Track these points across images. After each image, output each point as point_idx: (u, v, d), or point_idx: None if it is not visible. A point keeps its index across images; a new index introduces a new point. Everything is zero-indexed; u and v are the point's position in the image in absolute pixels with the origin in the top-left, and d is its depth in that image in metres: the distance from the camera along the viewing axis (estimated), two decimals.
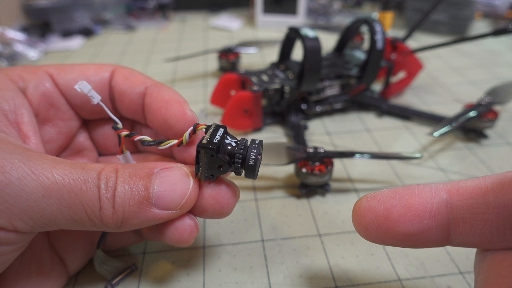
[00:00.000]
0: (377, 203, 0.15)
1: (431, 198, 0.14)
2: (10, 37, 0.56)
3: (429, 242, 0.15)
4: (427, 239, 0.15)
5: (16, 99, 0.19)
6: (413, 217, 0.14)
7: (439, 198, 0.14)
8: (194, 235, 0.19)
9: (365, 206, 0.16)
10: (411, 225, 0.14)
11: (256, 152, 0.18)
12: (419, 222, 0.14)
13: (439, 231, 0.14)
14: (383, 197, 0.15)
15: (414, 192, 0.15)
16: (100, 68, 0.22)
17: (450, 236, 0.14)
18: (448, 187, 0.15)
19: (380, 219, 0.15)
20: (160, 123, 0.20)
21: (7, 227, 0.15)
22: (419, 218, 0.14)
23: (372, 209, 0.15)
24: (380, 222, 0.15)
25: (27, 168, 0.15)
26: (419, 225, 0.14)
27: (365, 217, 0.16)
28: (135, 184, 0.17)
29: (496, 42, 0.59)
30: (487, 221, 0.13)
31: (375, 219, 0.15)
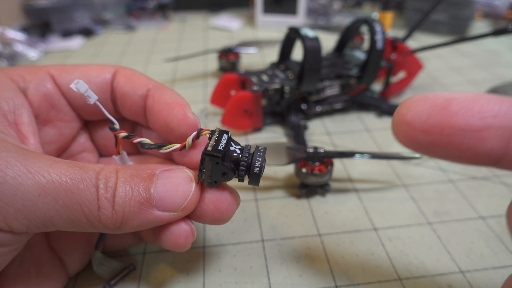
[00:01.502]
0: (436, 95, 0.13)
1: (499, 100, 0.13)
2: (10, 37, 0.56)
3: (483, 146, 0.13)
4: (482, 141, 0.13)
5: (15, 99, 0.19)
6: (476, 112, 0.13)
7: (508, 104, 0.13)
8: (190, 240, 0.19)
9: (419, 97, 0.14)
10: (471, 118, 0.13)
11: (261, 160, 0.18)
12: (481, 118, 0.13)
13: (500, 134, 0.13)
14: (443, 92, 0.14)
15: (480, 93, 0.13)
16: (102, 69, 0.22)
17: (509, 146, 0.13)
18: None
19: (436, 108, 0.13)
20: (161, 125, 0.20)
21: (3, 227, 0.15)
22: (482, 114, 0.13)
23: (429, 99, 0.13)
24: (434, 112, 0.13)
25: (22, 167, 0.15)
26: (481, 121, 0.13)
27: (416, 107, 0.13)
28: (137, 185, 0.17)
29: (496, 42, 0.59)
30: None
31: (429, 108, 0.13)
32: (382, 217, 0.27)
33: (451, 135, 0.13)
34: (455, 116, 0.13)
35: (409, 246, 0.25)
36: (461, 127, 0.13)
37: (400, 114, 0.14)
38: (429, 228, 0.26)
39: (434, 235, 0.26)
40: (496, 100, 0.13)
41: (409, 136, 0.14)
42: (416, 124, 0.13)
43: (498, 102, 0.13)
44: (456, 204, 0.28)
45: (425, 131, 0.13)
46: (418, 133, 0.13)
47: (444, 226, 0.26)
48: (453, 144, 0.13)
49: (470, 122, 0.13)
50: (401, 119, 0.14)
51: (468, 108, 0.13)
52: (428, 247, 0.25)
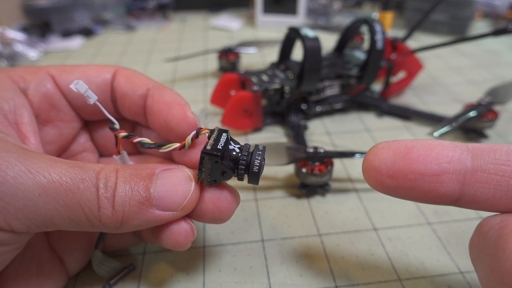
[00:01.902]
0: (398, 143, 0.15)
1: (453, 147, 0.15)
2: (10, 37, 0.56)
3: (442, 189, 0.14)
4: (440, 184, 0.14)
5: (16, 99, 0.19)
6: (433, 158, 0.14)
7: (461, 149, 0.14)
8: (190, 239, 0.19)
9: (383, 145, 0.15)
10: (429, 164, 0.14)
11: (260, 159, 0.18)
12: (438, 164, 0.14)
13: (455, 178, 0.14)
14: (404, 140, 0.15)
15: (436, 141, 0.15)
16: (102, 69, 0.22)
17: (464, 187, 0.14)
18: (470, 144, 0.15)
19: (398, 156, 0.15)
20: (161, 125, 0.20)
21: (3, 227, 0.15)
22: (438, 160, 0.14)
23: (392, 147, 0.15)
24: (397, 159, 0.15)
25: (23, 167, 0.15)
26: (438, 166, 0.14)
27: (381, 154, 0.15)
28: (136, 184, 0.17)
29: (496, 42, 0.59)
30: (506, 173, 0.14)
31: (393, 155, 0.15)
32: (382, 217, 0.27)
33: (413, 179, 0.15)
34: (415, 163, 0.14)
35: (409, 246, 0.25)
36: (421, 172, 0.14)
37: (368, 160, 0.16)
38: (429, 228, 0.26)
39: (434, 235, 0.26)
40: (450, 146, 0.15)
41: (377, 181, 0.15)
42: (382, 170, 0.15)
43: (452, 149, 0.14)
44: None
45: (391, 177, 0.15)
46: (385, 178, 0.15)
47: (444, 226, 0.26)
48: (415, 188, 0.15)
49: (428, 167, 0.14)
50: (369, 166, 0.15)
51: (426, 155, 0.14)
52: (428, 248, 0.25)
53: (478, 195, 0.14)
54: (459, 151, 0.14)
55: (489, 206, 0.14)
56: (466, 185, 0.14)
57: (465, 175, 0.14)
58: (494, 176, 0.14)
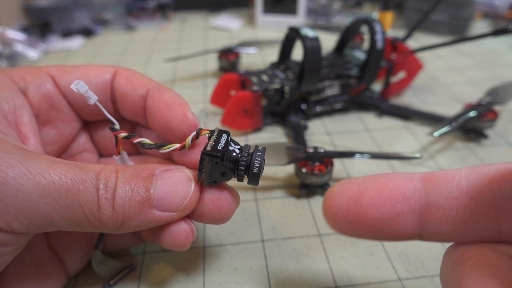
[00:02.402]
0: (350, 186, 0.15)
1: (405, 183, 0.14)
2: (10, 37, 0.56)
3: (400, 229, 0.14)
4: (398, 225, 0.14)
5: (16, 100, 0.19)
6: (385, 200, 0.14)
7: (413, 184, 0.14)
8: (190, 239, 0.19)
9: (337, 189, 0.15)
10: (382, 208, 0.14)
11: (260, 160, 0.18)
12: (391, 206, 0.14)
13: (411, 217, 0.14)
14: (356, 181, 0.15)
15: (388, 177, 0.14)
16: (102, 69, 0.22)
17: (422, 224, 0.14)
18: (423, 175, 0.14)
19: (351, 202, 0.14)
20: (161, 125, 0.20)
21: (4, 228, 0.15)
22: (391, 201, 0.14)
23: (344, 192, 0.15)
24: (351, 205, 0.14)
25: (23, 168, 0.15)
26: (391, 209, 0.14)
27: (336, 200, 0.15)
28: (136, 185, 0.17)
29: (496, 42, 0.59)
30: (460, 207, 0.13)
31: (346, 201, 0.14)
32: None
33: (370, 225, 0.14)
34: (369, 208, 0.14)
35: (409, 247, 0.25)
36: (375, 217, 0.14)
37: (326, 206, 0.15)
38: None
39: None
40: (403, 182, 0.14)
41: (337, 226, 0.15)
42: (339, 217, 0.15)
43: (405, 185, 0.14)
44: None
45: (348, 223, 0.15)
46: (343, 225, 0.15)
47: None
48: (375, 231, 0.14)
49: (382, 212, 0.14)
50: (327, 211, 0.15)
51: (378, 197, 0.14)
52: (428, 248, 0.25)
53: (437, 231, 0.14)
54: (412, 187, 0.14)
55: (452, 239, 0.14)
56: (423, 222, 0.14)
57: (420, 213, 0.14)
58: (449, 212, 0.13)
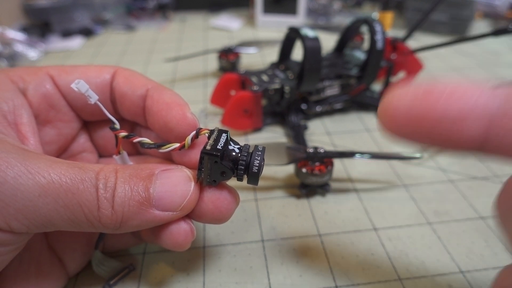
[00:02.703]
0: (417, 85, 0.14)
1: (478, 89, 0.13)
2: (10, 37, 0.56)
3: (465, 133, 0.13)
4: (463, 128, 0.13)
5: (15, 100, 0.19)
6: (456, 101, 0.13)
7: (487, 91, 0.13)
8: (190, 239, 0.19)
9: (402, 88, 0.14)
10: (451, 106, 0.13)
11: (260, 159, 0.18)
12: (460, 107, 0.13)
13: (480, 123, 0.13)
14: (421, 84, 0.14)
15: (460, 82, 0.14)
16: (101, 69, 0.22)
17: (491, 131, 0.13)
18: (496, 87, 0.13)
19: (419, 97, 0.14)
20: (160, 125, 0.20)
21: (3, 227, 0.15)
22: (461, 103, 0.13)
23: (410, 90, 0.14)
24: (415, 102, 0.14)
25: (23, 167, 0.15)
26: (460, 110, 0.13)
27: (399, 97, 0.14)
28: (136, 185, 0.17)
29: (496, 42, 0.59)
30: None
31: (410, 99, 0.14)
32: (382, 217, 0.27)
33: (434, 124, 0.13)
34: (436, 105, 0.13)
35: (409, 246, 0.25)
36: (442, 115, 0.13)
37: (385, 104, 0.15)
38: (429, 228, 0.26)
39: (434, 235, 0.26)
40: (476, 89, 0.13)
41: (395, 125, 0.14)
42: (400, 114, 0.14)
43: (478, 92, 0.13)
44: (456, 204, 0.28)
45: (409, 121, 0.14)
46: (403, 122, 0.14)
47: (444, 226, 0.26)
48: (436, 132, 0.13)
49: (450, 109, 0.13)
50: (386, 109, 0.14)
51: (448, 97, 0.13)
52: (428, 247, 0.25)
53: (505, 142, 0.13)
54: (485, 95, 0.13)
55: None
56: (493, 129, 0.13)
57: (491, 117, 0.13)
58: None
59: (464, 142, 0.13)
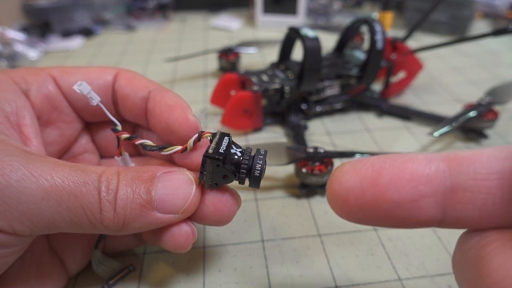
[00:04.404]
0: (364, 165, 0.13)
1: (427, 163, 0.12)
2: (10, 37, 0.56)
3: (421, 214, 0.13)
4: (419, 210, 0.12)
5: (18, 101, 0.19)
6: (407, 181, 0.12)
7: (436, 164, 0.12)
8: (191, 241, 0.19)
9: (348, 169, 0.13)
10: (403, 190, 0.12)
11: (262, 163, 0.18)
12: (413, 187, 0.12)
13: (434, 201, 0.12)
14: (370, 160, 0.13)
15: (407, 157, 0.13)
16: (103, 71, 0.22)
17: (446, 209, 0.12)
18: (445, 155, 0.13)
19: (367, 182, 0.12)
20: (162, 127, 0.20)
21: (7, 230, 0.15)
22: (413, 183, 0.12)
23: (358, 171, 0.13)
24: (365, 187, 0.12)
25: (26, 171, 0.15)
26: (413, 190, 0.12)
27: (346, 181, 0.13)
28: (138, 187, 0.17)
29: (496, 42, 0.59)
30: (490, 189, 0.12)
31: (360, 182, 0.13)
32: None
33: (388, 209, 0.12)
34: (387, 190, 0.12)
35: (409, 246, 0.25)
36: (395, 200, 0.12)
37: (333, 189, 0.13)
38: (429, 228, 0.26)
39: (434, 235, 0.26)
40: (424, 162, 0.12)
41: (346, 212, 0.13)
42: (350, 200, 0.13)
43: (427, 165, 0.12)
44: None
45: (362, 207, 0.13)
46: (355, 209, 0.13)
47: None
48: (391, 217, 0.13)
49: (403, 194, 0.12)
50: (335, 195, 0.13)
51: (399, 178, 0.12)
52: (428, 247, 0.25)
53: (462, 217, 0.12)
54: (435, 167, 0.12)
55: (476, 225, 0.13)
56: (448, 207, 0.12)
57: (444, 196, 0.12)
58: (478, 195, 0.12)
59: (423, 222, 0.13)
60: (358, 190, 0.13)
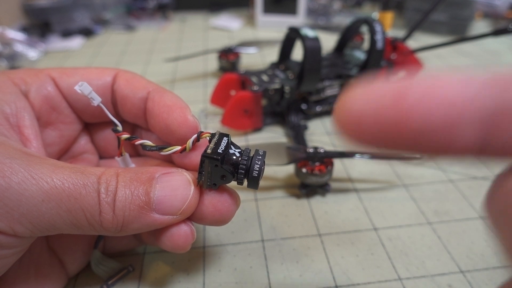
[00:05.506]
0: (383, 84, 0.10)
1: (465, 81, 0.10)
2: (10, 37, 0.56)
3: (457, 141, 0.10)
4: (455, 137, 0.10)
5: (18, 102, 0.19)
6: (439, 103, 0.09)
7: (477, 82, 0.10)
8: (190, 241, 0.19)
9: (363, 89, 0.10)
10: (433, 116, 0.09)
11: (260, 164, 0.18)
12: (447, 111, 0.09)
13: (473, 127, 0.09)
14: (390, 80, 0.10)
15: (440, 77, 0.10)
16: (103, 72, 0.22)
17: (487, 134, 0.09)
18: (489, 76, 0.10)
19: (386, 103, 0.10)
20: (161, 128, 0.20)
21: (7, 231, 0.15)
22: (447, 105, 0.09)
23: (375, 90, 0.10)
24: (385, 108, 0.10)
25: (26, 173, 0.15)
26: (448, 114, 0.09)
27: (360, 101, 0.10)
28: (136, 189, 0.17)
29: (496, 42, 0.59)
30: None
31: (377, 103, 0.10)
32: (382, 217, 0.27)
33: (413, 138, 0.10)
34: (415, 114, 0.10)
35: (409, 246, 0.25)
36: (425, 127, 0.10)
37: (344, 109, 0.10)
38: (429, 228, 0.26)
39: (434, 235, 0.26)
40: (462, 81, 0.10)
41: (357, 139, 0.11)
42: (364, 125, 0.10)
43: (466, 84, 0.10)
44: (456, 204, 0.28)
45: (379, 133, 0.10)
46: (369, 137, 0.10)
47: (444, 226, 0.26)
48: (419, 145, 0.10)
49: (433, 119, 0.10)
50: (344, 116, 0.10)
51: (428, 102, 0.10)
52: (428, 247, 0.25)
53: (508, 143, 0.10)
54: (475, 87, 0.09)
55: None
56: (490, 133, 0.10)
57: (487, 120, 0.09)
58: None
59: (458, 152, 0.10)
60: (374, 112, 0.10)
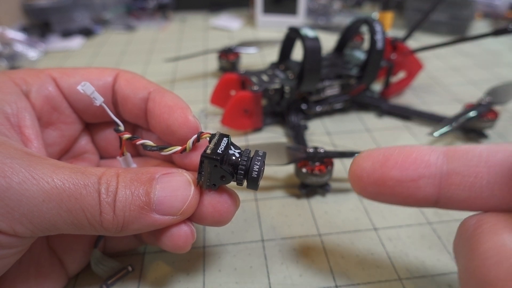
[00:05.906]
0: (377, 152, 0.16)
1: (429, 152, 0.16)
2: (10, 37, 0.56)
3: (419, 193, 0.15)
4: (418, 189, 0.15)
5: (18, 102, 0.19)
6: (409, 164, 0.15)
7: (436, 154, 0.15)
8: (190, 242, 0.19)
9: (365, 154, 0.17)
10: (405, 171, 0.15)
11: (260, 164, 0.18)
12: (414, 169, 0.15)
13: (431, 182, 0.15)
14: (383, 148, 0.17)
15: (413, 147, 0.16)
16: (103, 72, 0.22)
17: (441, 190, 0.15)
18: (446, 148, 0.16)
19: (377, 164, 0.16)
20: (162, 128, 0.20)
21: (8, 231, 0.15)
22: (415, 165, 0.15)
23: (371, 156, 0.16)
24: (376, 167, 0.16)
25: (27, 173, 0.15)
26: (414, 172, 0.15)
27: (362, 163, 0.16)
28: (136, 189, 0.17)
29: (496, 42, 0.59)
30: (478, 174, 0.14)
31: (372, 164, 0.16)
32: (382, 217, 0.27)
33: (392, 186, 0.16)
34: (392, 170, 0.16)
35: (409, 246, 0.25)
36: (398, 178, 0.15)
37: (352, 169, 0.17)
38: (429, 228, 0.26)
39: (434, 235, 0.26)
40: (427, 151, 0.16)
41: (361, 187, 0.17)
42: (364, 178, 0.16)
43: (429, 153, 0.15)
44: None
45: (372, 184, 0.16)
46: (367, 185, 0.16)
47: (444, 226, 0.26)
48: (395, 193, 0.16)
49: (405, 174, 0.15)
50: (353, 174, 0.17)
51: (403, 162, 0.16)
52: (428, 247, 0.25)
53: (454, 197, 0.15)
54: (435, 155, 0.15)
55: (466, 207, 0.15)
56: (442, 188, 0.15)
57: (440, 178, 0.15)
58: (468, 178, 0.15)
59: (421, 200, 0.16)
60: (370, 170, 0.16)
